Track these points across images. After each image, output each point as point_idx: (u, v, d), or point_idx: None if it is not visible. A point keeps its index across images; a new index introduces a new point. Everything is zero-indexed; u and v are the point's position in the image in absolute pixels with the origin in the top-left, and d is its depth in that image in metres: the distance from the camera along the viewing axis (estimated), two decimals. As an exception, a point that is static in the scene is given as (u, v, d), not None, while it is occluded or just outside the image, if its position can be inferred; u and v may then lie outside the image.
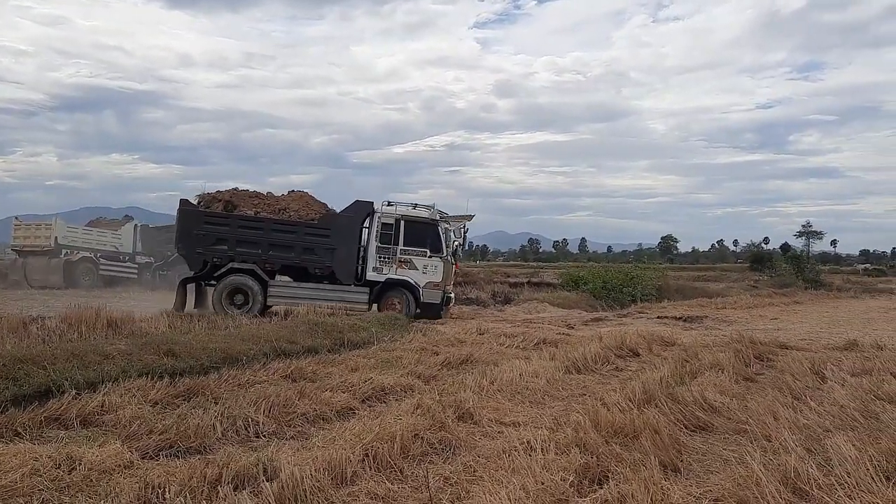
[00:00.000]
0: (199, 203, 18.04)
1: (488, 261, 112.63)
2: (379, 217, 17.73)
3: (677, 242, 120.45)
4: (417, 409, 6.86)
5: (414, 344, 11.86)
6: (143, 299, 22.12)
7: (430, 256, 17.58)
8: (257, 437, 6.25)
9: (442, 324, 16.11)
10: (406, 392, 8.18)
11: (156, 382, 7.50)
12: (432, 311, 17.55)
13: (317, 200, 18.73)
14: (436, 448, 5.87)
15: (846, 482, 4.81)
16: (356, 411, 7.29)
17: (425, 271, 17.59)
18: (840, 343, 13.90)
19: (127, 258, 29.35)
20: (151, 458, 5.41)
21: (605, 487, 4.80)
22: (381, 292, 17.62)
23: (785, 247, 74.58)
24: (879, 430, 6.25)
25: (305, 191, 19.07)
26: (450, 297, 18.44)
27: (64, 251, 27.75)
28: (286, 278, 18.30)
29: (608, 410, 6.75)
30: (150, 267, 28.80)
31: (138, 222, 31.11)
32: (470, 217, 19.45)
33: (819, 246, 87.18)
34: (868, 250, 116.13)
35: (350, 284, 17.55)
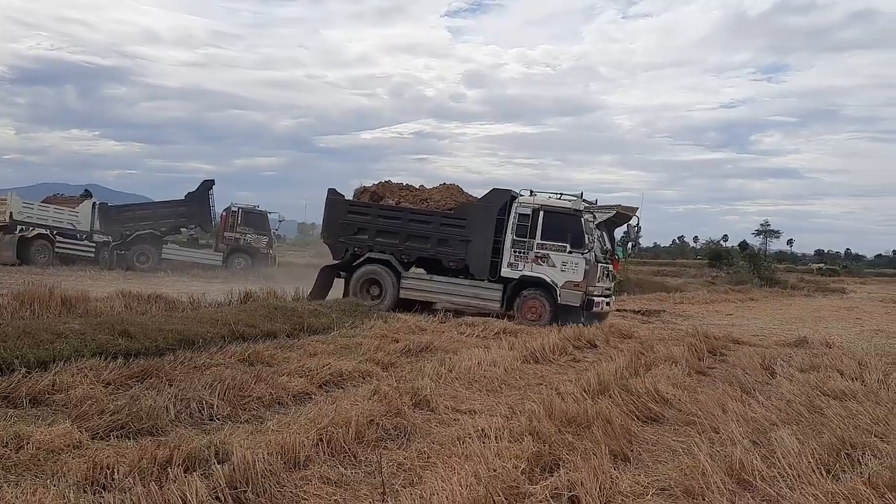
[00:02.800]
0: (354, 196, 17.96)
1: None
2: (516, 207, 15.97)
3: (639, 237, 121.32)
4: (374, 395, 6.88)
5: (375, 331, 11.86)
6: (99, 278, 21.78)
7: (569, 252, 15.41)
8: (211, 420, 6.20)
9: (412, 313, 16.07)
10: (364, 378, 8.19)
11: (109, 363, 7.37)
12: (571, 316, 15.10)
13: (464, 192, 17.93)
14: (391, 434, 5.90)
15: (788, 474, 4.95)
16: (313, 396, 7.28)
17: (564, 269, 15.46)
18: (791, 340, 14.28)
19: (84, 236, 28.76)
20: (102, 439, 5.34)
21: (555, 475, 4.88)
22: (516, 290, 15.90)
23: (743, 244, 75.98)
24: (822, 425, 6.44)
25: (455, 183, 18.26)
26: (592, 299, 15.46)
27: (19, 227, 27.10)
28: (421, 270, 17.42)
29: (563, 400, 6.84)
30: (108, 246, 28.26)
31: (97, 200, 30.46)
32: (633, 210, 16.75)
33: (776, 245, 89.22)
34: (823, 250, 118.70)
35: (484, 280, 16.16)
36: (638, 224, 16.73)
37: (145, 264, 27.63)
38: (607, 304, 16.40)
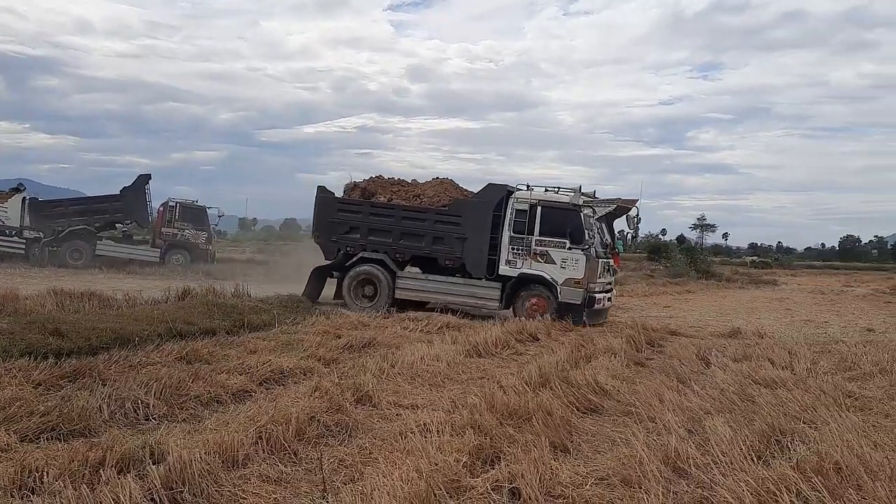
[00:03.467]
0: (344, 193, 17.33)
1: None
2: (513, 202, 15.54)
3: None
4: (316, 391, 6.83)
5: (317, 327, 11.74)
6: (30, 276, 21.02)
7: (569, 248, 15.00)
8: (147, 420, 6.06)
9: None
10: (305, 375, 8.11)
11: (39, 363, 7.13)
12: (572, 314, 14.80)
13: (458, 187, 17.36)
14: (332, 431, 5.86)
15: (721, 461, 5.10)
16: (253, 394, 7.18)
17: (564, 265, 15.03)
18: (725, 331, 14.69)
19: (14, 232, 27.72)
20: (31, 442, 5.17)
21: (496, 468, 4.92)
22: (515, 289, 15.52)
23: (680, 238, 77.95)
24: (754, 413, 6.65)
25: (447, 177, 17.77)
26: (593, 296, 15.12)
27: (-57, 223, 25.99)
28: (416, 269, 16.96)
29: (504, 393, 6.91)
30: (39, 242, 27.29)
31: (27, 195, 29.38)
32: (632, 202, 16.39)
33: (712, 238, 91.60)
34: (756, 243, 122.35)
35: (481, 279, 15.69)
36: (637, 215, 16.27)
37: (78, 261, 26.77)
38: (609, 299, 16.17)
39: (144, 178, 29.28)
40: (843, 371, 9.67)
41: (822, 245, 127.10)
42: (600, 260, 15.40)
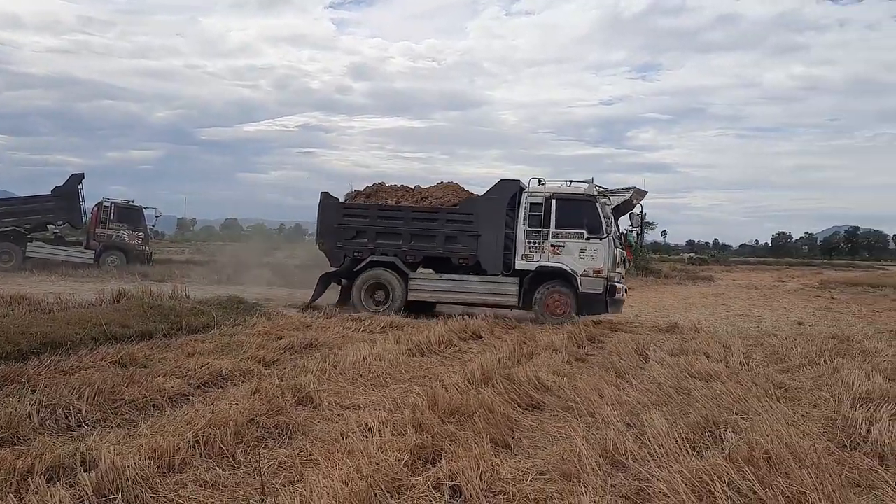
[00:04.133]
0: (346, 201, 16.89)
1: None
2: (527, 196, 15.61)
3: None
4: (255, 393, 6.73)
5: (258, 328, 11.57)
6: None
7: (587, 238, 15.18)
8: (79, 426, 5.88)
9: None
10: (245, 377, 7.99)
11: (-36, 370, 6.86)
12: (594, 304, 15.11)
13: (465, 190, 17.26)
14: (272, 433, 5.78)
15: (657, 453, 5.21)
16: (190, 397, 7.03)
17: (582, 256, 15.16)
18: (663, 325, 15.00)
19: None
20: (-46, 452, 4.96)
21: (437, 466, 4.93)
22: (533, 283, 15.54)
23: (622, 237, 79.18)
24: (689, 405, 6.82)
25: (453, 182, 17.61)
26: (614, 285, 15.49)
27: None
28: (428, 271, 16.64)
29: (446, 391, 6.92)
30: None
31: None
32: (642, 193, 16.57)
33: (651, 236, 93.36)
34: (693, 241, 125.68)
35: (497, 275, 15.70)
36: (642, 212, 16.56)
37: (8, 263, 25.92)
38: (625, 290, 16.27)
39: (77, 178, 28.48)
40: (774, 363, 9.99)
41: (756, 242, 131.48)
42: (617, 250, 15.63)
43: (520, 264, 15.54)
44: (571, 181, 15.90)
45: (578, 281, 15.14)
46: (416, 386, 7.76)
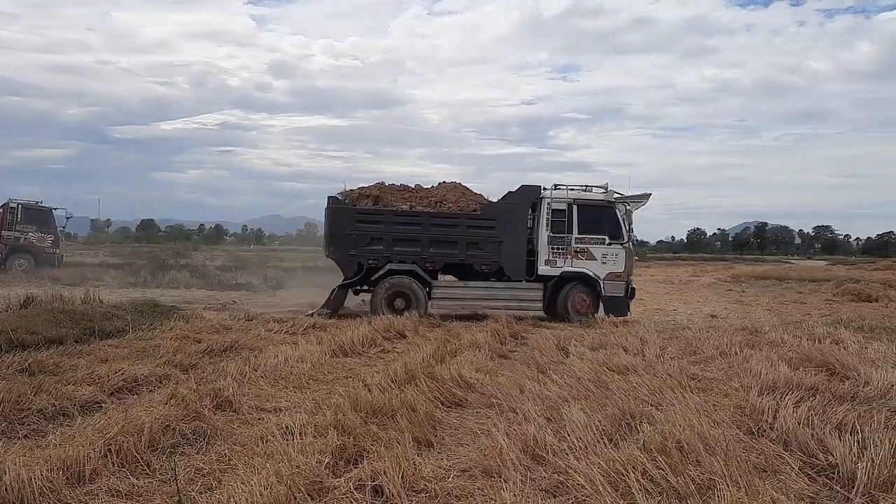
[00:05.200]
0: (343, 201, 15.97)
1: (263, 244, 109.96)
2: (549, 203, 15.79)
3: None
4: (172, 399, 6.55)
5: (175, 332, 11.23)
6: None
7: (609, 244, 15.67)
8: (-19, 438, 5.60)
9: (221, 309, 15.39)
10: (161, 382, 7.76)
11: None
12: (617, 307, 15.68)
13: (472, 191, 16.85)
14: (189, 439, 5.64)
15: (576, 446, 5.33)
16: (103, 405, 6.78)
17: (605, 261, 15.60)
18: (584, 321, 15.28)
19: None
20: None
21: (359, 466, 4.91)
22: (556, 287, 15.75)
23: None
24: (607, 398, 6.99)
25: (457, 182, 17.14)
26: (633, 288, 16.25)
27: None
28: (450, 278, 16.30)
29: (369, 391, 6.90)
30: None
31: None
32: (647, 196, 16.80)
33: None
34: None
35: (521, 280, 15.71)
36: (627, 211, 16.48)
37: None
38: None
39: (-20, 178, 27.09)
40: (688, 355, 10.35)
41: (672, 238, 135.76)
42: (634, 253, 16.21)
43: (543, 269, 15.75)
44: (586, 186, 16.25)
45: (602, 285, 15.64)
46: (339, 387, 7.71)
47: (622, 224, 15.79)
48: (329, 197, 16.27)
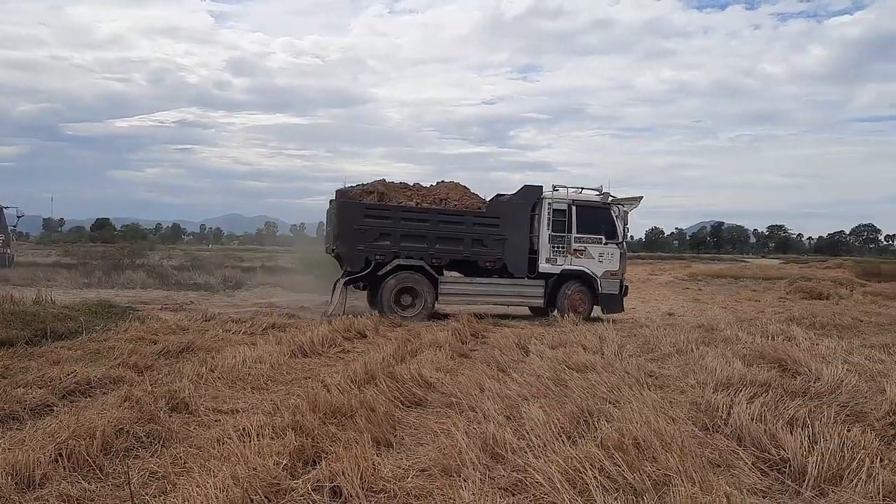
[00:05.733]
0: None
1: (222, 244, 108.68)
2: (550, 203, 16.41)
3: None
4: (126, 401, 6.43)
5: (130, 333, 11.01)
6: None
7: (605, 243, 16.52)
8: (-75, 445, 5.42)
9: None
10: (115, 384, 7.58)
11: None
12: (613, 303, 16.57)
13: (470, 190, 17.09)
14: (143, 442, 5.53)
15: (535, 444, 5.36)
16: (54, 408, 6.61)
17: (601, 260, 16.45)
18: (544, 320, 15.42)
19: None
20: None
21: (317, 468, 4.87)
22: (555, 284, 16.34)
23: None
24: (566, 396, 7.04)
25: (456, 181, 17.38)
26: (627, 285, 17.22)
27: None
28: (455, 274, 16.65)
29: (328, 392, 6.85)
30: None
31: None
32: (639, 199, 17.47)
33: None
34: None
35: (523, 277, 16.19)
36: (621, 211, 17.16)
37: None
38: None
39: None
40: (645, 353, 10.50)
41: (632, 237, 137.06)
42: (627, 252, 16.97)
43: (543, 267, 16.35)
44: (582, 188, 16.95)
45: (599, 283, 16.42)
46: (298, 388, 7.65)
47: (617, 225, 16.61)
48: (336, 191, 16.35)
